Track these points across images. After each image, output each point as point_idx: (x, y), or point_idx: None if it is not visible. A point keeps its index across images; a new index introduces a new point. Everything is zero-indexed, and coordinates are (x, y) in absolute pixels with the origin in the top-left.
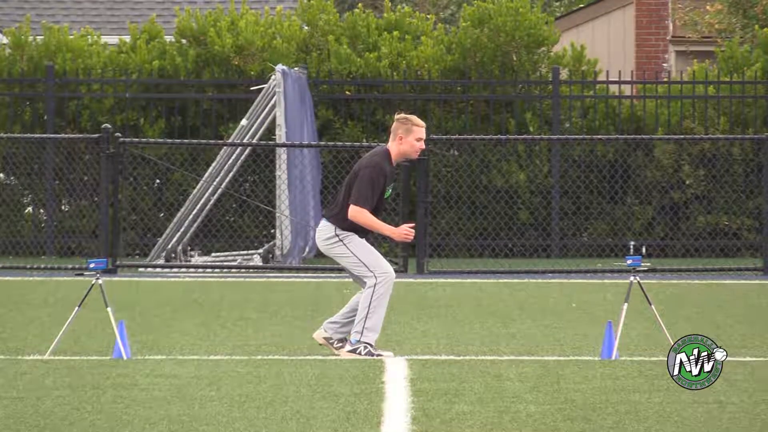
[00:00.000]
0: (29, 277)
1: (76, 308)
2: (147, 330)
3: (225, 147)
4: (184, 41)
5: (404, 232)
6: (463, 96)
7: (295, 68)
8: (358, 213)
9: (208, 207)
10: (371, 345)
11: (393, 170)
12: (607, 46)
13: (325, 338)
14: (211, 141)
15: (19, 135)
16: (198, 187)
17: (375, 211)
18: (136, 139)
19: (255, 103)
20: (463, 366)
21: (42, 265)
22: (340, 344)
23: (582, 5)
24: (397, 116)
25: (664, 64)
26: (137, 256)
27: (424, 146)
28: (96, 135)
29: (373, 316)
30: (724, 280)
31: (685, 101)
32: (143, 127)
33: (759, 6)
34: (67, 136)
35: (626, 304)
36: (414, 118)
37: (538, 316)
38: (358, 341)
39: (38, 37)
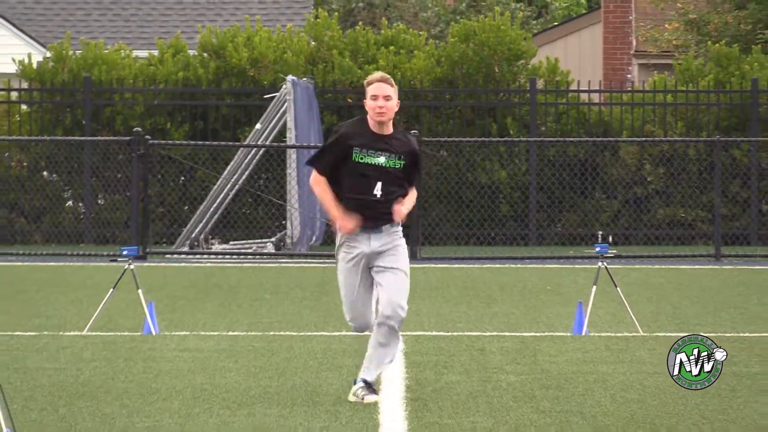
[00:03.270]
0: (69, 262)
1: (111, 290)
2: (173, 309)
3: (242, 148)
4: (205, 55)
5: (346, 223)
6: (451, 103)
7: (304, 78)
8: (311, 179)
9: (227, 201)
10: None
11: (373, 136)
12: (578, 59)
13: None
14: (230, 143)
15: (61, 138)
16: (218, 183)
17: (360, 177)
18: (164, 141)
19: (268, 110)
20: (451, 341)
21: (80, 252)
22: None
23: (556, 23)
24: None
25: (628, 75)
26: (164, 244)
27: (382, 105)
28: (128, 138)
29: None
30: (680, 266)
31: (647, 108)
32: (170, 131)
33: (711, 24)
34: (102, 138)
35: (595, 286)
36: (370, 76)
37: (518, 297)
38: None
39: (77, 51)
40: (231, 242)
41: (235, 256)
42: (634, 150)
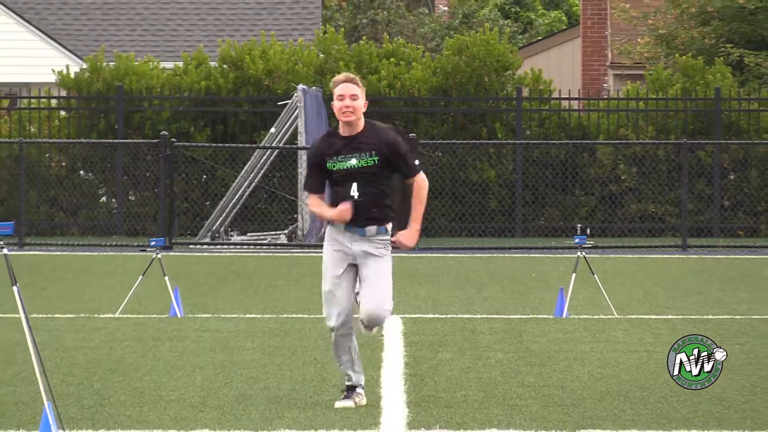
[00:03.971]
0: (103, 252)
1: (140, 277)
2: (196, 294)
3: (257, 150)
4: (225, 66)
5: (341, 211)
6: (445, 109)
7: (313, 87)
8: (308, 203)
9: (244, 197)
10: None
11: (342, 140)
12: (559, 70)
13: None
14: (247, 145)
15: (96, 140)
16: (236, 181)
17: (335, 183)
18: (188, 144)
19: (281, 116)
20: (446, 323)
21: (113, 243)
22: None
23: (539, 38)
24: None
25: (604, 85)
26: (188, 236)
27: (348, 105)
28: (156, 140)
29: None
30: (651, 255)
31: (621, 114)
32: (193, 134)
33: (679, 39)
34: (133, 141)
35: (574, 274)
36: (335, 78)
37: (505, 283)
38: None
39: (111, 63)
40: (248, 234)
41: (251, 247)
42: (610, 151)
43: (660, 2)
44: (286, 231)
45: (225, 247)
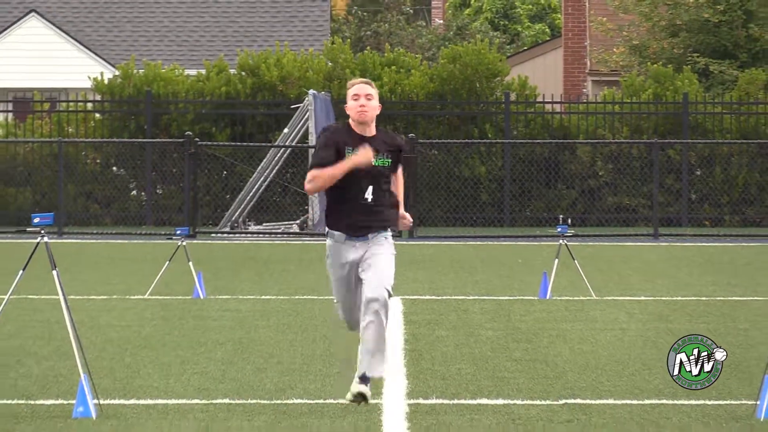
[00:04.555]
0: (133, 240)
1: (167, 262)
2: (217, 278)
3: (272, 148)
4: (243, 73)
5: (364, 153)
6: (441, 112)
7: (322, 92)
8: (306, 180)
9: (260, 190)
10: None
11: (359, 137)
12: (543, 76)
13: None
14: (263, 144)
15: (127, 140)
16: (253, 176)
17: (351, 181)
18: (210, 143)
19: (293, 117)
20: (441, 303)
21: (142, 232)
22: None
23: (525, 48)
24: None
25: (584, 90)
26: (210, 225)
27: (363, 104)
28: (181, 140)
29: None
30: (625, 243)
31: (599, 116)
32: (214, 134)
33: (651, 49)
34: (160, 140)
35: (557, 259)
36: (351, 81)
37: (495, 268)
38: None
39: (140, 70)
40: (264, 224)
41: (267, 235)
42: (588, 150)
43: (634, 16)
44: (297, 221)
45: (243, 235)
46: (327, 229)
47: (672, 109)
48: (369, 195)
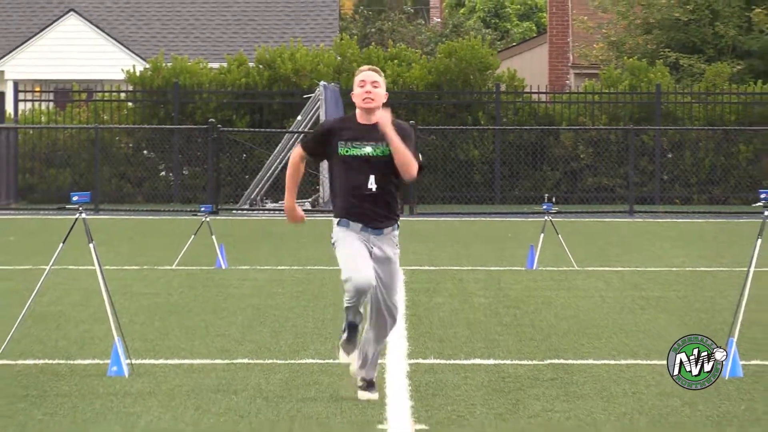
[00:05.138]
0: (162, 216)
1: (192, 236)
2: (238, 250)
3: (287, 134)
4: (261, 66)
5: (291, 216)
6: (438, 101)
7: (332, 84)
8: (291, 157)
9: (276, 171)
10: (340, 347)
11: (359, 127)
12: (530, 69)
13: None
14: (278, 130)
15: (156, 126)
16: (270, 159)
17: (349, 171)
18: (231, 129)
19: (306, 106)
20: (439, 273)
21: (170, 209)
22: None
23: (514, 44)
24: None
25: (567, 81)
26: (231, 203)
27: (369, 90)
28: (205, 126)
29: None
30: (604, 219)
31: (580, 105)
32: (235, 121)
33: (627, 45)
34: (186, 126)
35: (543, 234)
36: (359, 69)
37: (487, 241)
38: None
39: (168, 63)
40: (279, 201)
41: (282, 212)
42: (571, 135)
43: (612, 15)
44: (309, 199)
45: (261, 212)
46: (337, 218)
47: (646, 99)
48: (372, 185)
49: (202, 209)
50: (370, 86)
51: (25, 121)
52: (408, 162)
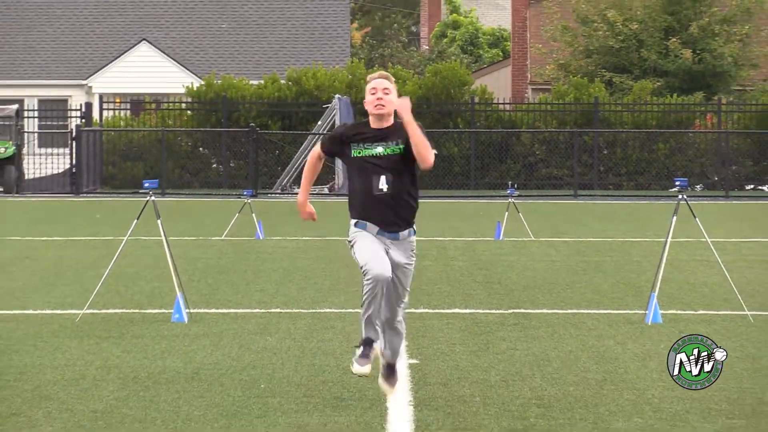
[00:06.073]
0: (214, 198)
1: (237, 214)
2: (272, 225)
3: (309, 135)
4: (290, 83)
5: (302, 211)
6: (427, 110)
7: (345, 96)
8: (309, 155)
9: (301, 164)
10: (357, 348)
11: (371, 131)
12: (497, 85)
13: None
14: (303, 131)
15: (209, 129)
16: (296, 154)
17: (361, 172)
18: (266, 131)
19: (324, 114)
20: (425, 243)
21: (220, 193)
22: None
23: (485, 65)
24: None
25: (526, 95)
26: (267, 189)
27: (381, 97)
28: (246, 129)
29: (361, 319)
30: (555, 201)
31: (536, 113)
32: (270, 125)
33: (572, 66)
34: (232, 129)
35: (507, 212)
36: (370, 75)
37: (464, 218)
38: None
39: (219, 80)
40: None
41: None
42: (529, 136)
43: (560, 44)
44: (327, 185)
45: (289, 195)
46: (354, 220)
47: (587, 108)
48: (383, 185)
49: (245, 193)
50: (381, 93)
51: (107, 125)
52: (425, 147)
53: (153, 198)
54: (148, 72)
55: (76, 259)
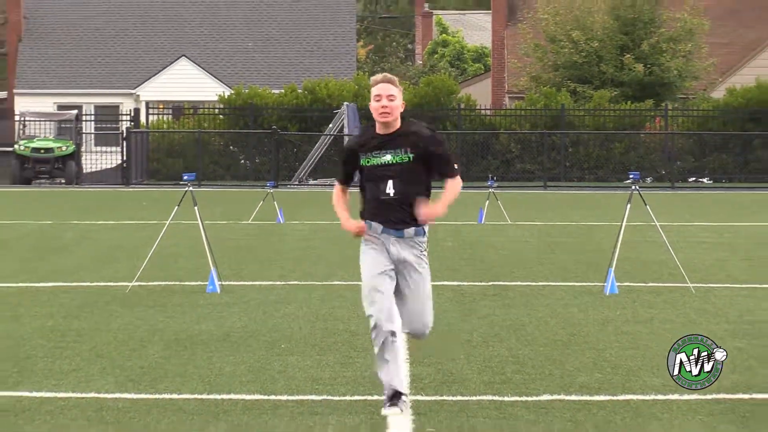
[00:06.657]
0: (242, 189)
1: (261, 202)
2: (291, 210)
3: (322, 135)
4: (306, 92)
5: (357, 228)
6: (421, 116)
7: (352, 103)
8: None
9: (315, 159)
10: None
11: (378, 138)
12: (480, 94)
13: None
14: (317, 133)
15: (238, 131)
16: (311, 151)
17: (370, 179)
18: (286, 132)
19: (335, 118)
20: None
21: (247, 184)
22: None
23: (470, 77)
24: None
25: (504, 102)
26: (287, 180)
27: (386, 105)
28: (269, 131)
29: (378, 374)
30: (528, 191)
31: (512, 117)
32: (289, 128)
33: (543, 78)
34: (257, 131)
35: (488, 201)
36: (374, 77)
37: (454, 204)
38: None
39: (246, 90)
40: (318, 179)
41: (321, 186)
42: (507, 137)
43: (533, 59)
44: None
45: (306, 186)
46: (364, 221)
47: (555, 113)
48: (390, 189)
49: (268, 185)
50: (386, 100)
51: (153, 127)
52: (455, 197)
53: (191, 188)
54: (187, 83)
55: (126, 240)
